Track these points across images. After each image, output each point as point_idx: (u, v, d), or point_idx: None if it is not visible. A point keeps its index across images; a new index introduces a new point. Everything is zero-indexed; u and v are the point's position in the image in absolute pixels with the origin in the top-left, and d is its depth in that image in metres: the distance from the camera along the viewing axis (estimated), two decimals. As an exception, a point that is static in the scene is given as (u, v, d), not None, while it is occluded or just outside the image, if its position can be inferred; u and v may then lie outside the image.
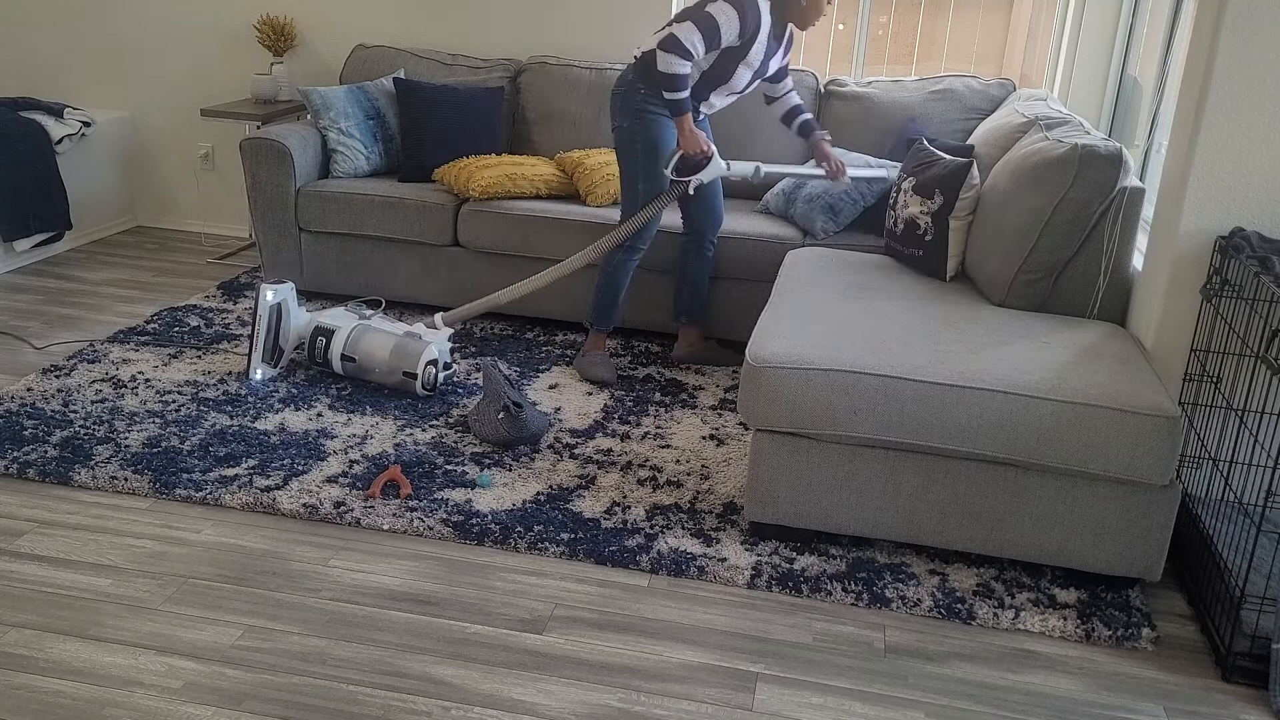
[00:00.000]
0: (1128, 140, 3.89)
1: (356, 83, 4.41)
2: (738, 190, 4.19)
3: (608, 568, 2.55)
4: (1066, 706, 2.15)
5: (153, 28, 4.87)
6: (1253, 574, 2.29)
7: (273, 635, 2.23)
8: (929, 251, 3.16)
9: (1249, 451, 2.58)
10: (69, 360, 3.49)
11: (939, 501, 2.51)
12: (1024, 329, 2.75)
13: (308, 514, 2.68)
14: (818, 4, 3.26)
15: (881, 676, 2.22)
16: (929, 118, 4.08)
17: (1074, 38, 4.10)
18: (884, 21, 4.56)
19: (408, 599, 2.38)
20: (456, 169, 3.96)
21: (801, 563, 2.58)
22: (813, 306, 2.83)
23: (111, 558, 2.47)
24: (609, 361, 3.59)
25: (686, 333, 3.77)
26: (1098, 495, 2.43)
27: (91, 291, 4.23)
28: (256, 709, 2.01)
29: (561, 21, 4.53)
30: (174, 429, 3.06)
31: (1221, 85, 2.46)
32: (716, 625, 2.35)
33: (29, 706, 1.99)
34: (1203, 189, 2.53)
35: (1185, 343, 2.64)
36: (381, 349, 3.33)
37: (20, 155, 4.33)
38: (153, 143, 5.07)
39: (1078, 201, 2.83)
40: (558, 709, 2.06)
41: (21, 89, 5.05)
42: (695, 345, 3.77)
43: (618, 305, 3.60)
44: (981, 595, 2.48)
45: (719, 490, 2.89)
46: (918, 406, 2.42)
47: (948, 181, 3.11)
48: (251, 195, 4.05)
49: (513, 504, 2.76)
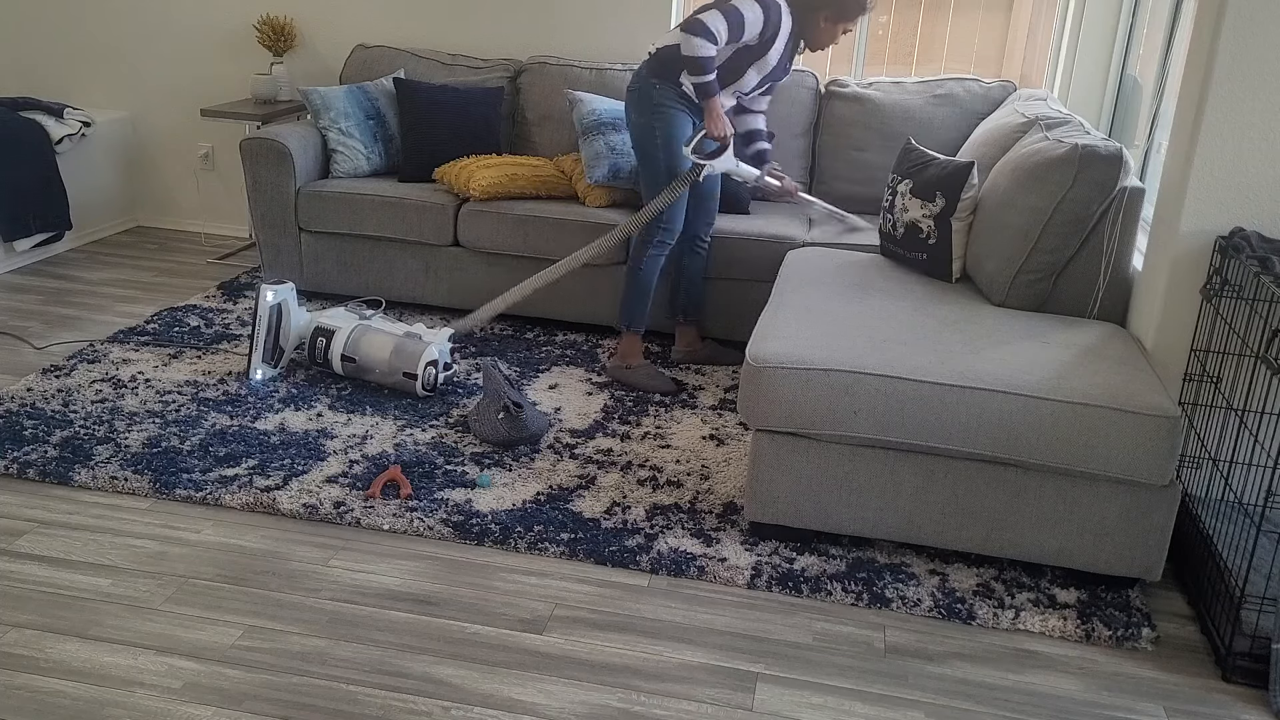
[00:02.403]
0: (1128, 140, 3.89)
1: (356, 83, 4.42)
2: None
3: (608, 568, 2.55)
4: (1066, 706, 2.15)
5: (153, 28, 4.88)
6: (1253, 574, 2.29)
7: (273, 635, 2.23)
8: (933, 255, 3.16)
9: (1249, 451, 2.58)
10: (69, 360, 3.49)
11: (939, 501, 2.51)
12: (1024, 329, 2.75)
13: (308, 514, 2.68)
14: (833, 32, 3.34)
15: (881, 676, 2.22)
16: (930, 121, 4.08)
17: (1074, 38, 4.10)
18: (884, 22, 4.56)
19: (408, 599, 2.38)
20: (456, 169, 3.96)
21: (801, 563, 2.58)
22: (813, 306, 2.83)
23: (111, 558, 2.47)
24: (659, 371, 3.56)
25: (684, 333, 3.77)
26: (1098, 495, 2.43)
27: (91, 291, 4.23)
28: (256, 709, 2.01)
29: (561, 21, 4.53)
30: (174, 429, 3.06)
31: (1221, 85, 2.46)
32: (716, 625, 2.35)
33: (29, 706, 1.99)
34: (1203, 189, 2.53)
35: (1185, 343, 2.64)
36: (381, 349, 3.33)
37: (20, 155, 4.33)
38: (153, 143, 5.07)
39: (1078, 201, 2.83)
40: (558, 709, 2.06)
41: (21, 89, 5.05)
42: (693, 345, 3.77)
43: (648, 304, 3.56)
44: (981, 595, 2.48)
45: (719, 490, 2.89)
46: (918, 406, 2.42)
47: (948, 183, 3.11)
48: (251, 195, 4.05)
49: (513, 504, 2.76)
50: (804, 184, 4.24)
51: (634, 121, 3.43)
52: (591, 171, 3.87)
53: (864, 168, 4.15)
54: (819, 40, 3.36)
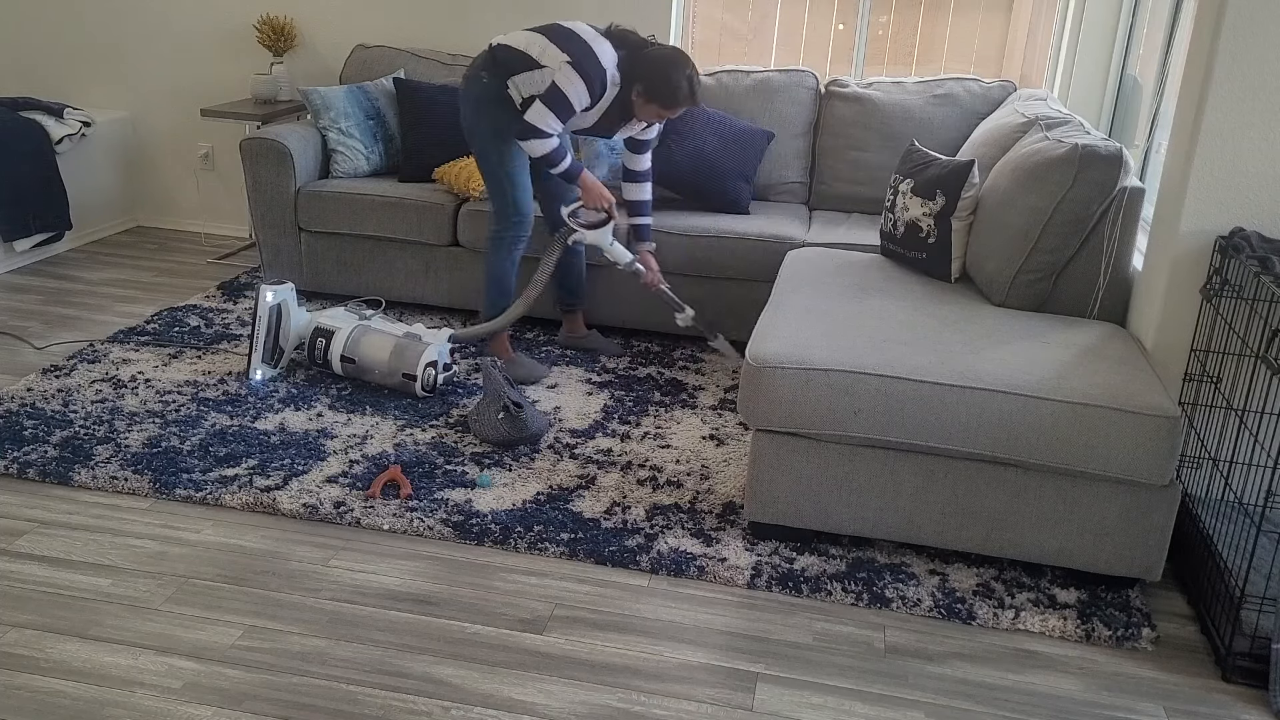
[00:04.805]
0: (1128, 140, 3.89)
1: (356, 83, 4.41)
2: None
3: (608, 568, 2.55)
4: (1066, 706, 2.15)
5: (153, 28, 4.88)
6: (1253, 574, 2.29)
7: (273, 635, 2.23)
8: (933, 254, 3.16)
9: (1249, 451, 2.58)
10: (69, 360, 3.49)
11: (939, 501, 2.51)
12: (1024, 329, 2.75)
13: (308, 514, 2.68)
14: (647, 110, 3.23)
15: (881, 676, 2.22)
16: (930, 121, 4.08)
17: (1074, 38, 4.10)
18: (884, 22, 4.56)
19: (408, 599, 2.38)
20: (456, 169, 3.96)
21: (801, 563, 2.58)
22: (813, 306, 2.83)
23: (111, 558, 2.47)
24: (528, 359, 3.59)
25: (568, 319, 3.83)
26: (1098, 495, 2.43)
27: (91, 291, 4.23)
28: (256, 709, 2.01)
29: (561, 22, 4.52)
30: (174, 429, 3.06)
31: (1221, 85, 2.46)
32: (716, 625, 2.35)
33: (29, 706, 1.99)
34: (1203, 189, 2.53)
35: (1185, 343, 2.64)
36: (381, 350, 3.33)
37: (20, 155, 4.33)
38: (153, 143, 5.08)
39: (1078, 201, 2.83)
40: (558, 709, 2.06)
41: (21, 89, 5.05)
42: (576, 330, 3.83)
43: (508, 297, 3.57)
44: (981, 595, 2.48)
45: (719, 490, 2.89)
46: (918, 406, 2.42)
47: (948, 182, 3.11)
48: (251, 195, 4.05)
49: (513, 504, 2.76)
50: (804, 184, 4.24)
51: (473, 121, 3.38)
52: (591, 171, 3.87)
53: (864, 168, 4.15)
54: (637, 110, 3.26)
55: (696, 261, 3.78)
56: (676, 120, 3.94)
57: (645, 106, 3.22)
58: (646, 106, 3.21)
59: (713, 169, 3.91)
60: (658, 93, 3.15)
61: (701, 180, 3.90)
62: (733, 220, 3.84)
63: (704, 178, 3.90)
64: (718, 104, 4.21)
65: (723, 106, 4.20)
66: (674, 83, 3.13)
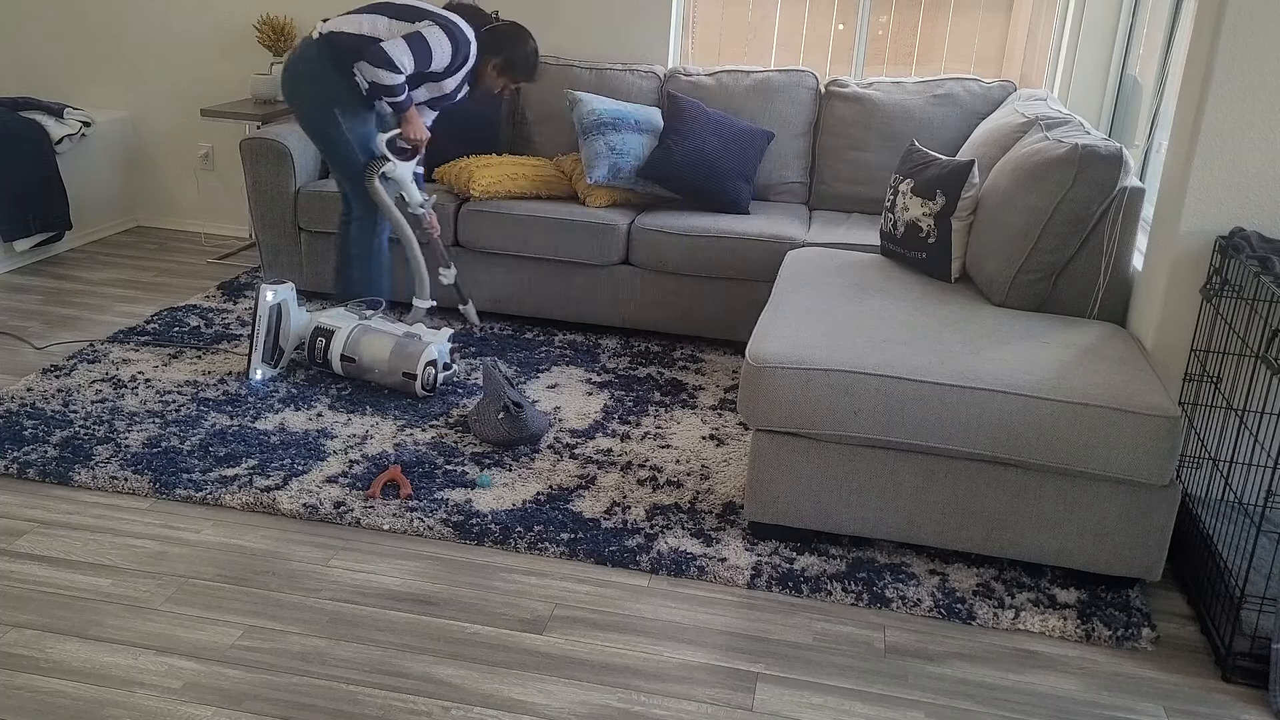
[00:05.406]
0: (1128, 140, 3.89)
1: (356, 83, 4.41)
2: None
3: (608, 568, 2.55)
4: (1066, 706, 2.15)
5: (153, 28, 4.88)
6: (1253, 574, 2.29)
7: (273, 635, 2.23)
8: (933, 254, 3.16)
9: (1249, 451, 2.58)
10: (69, 360, 3.49)
11: (939, 501, 2.51)
12: (1024, 329, 2.75)
13: (308, 514, 2.68)
14: (498, 82, 3.46)
15: (881, 676, 2.22)
16: (930, 121, 4.08)
17: (1074, 38, 4.10)
18: (884, 21, 4.56)
19: (408, 599, 2.38)
20: (456, 169, 3.96)
21: (801, 563, 2.58)
22: (813, 306, 2.83)
23: (111, 558, 2.47)
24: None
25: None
26: (1098, 495, 2.43)
27: (91, 291, 4.23)
28: (256, 709, 2.01)
29: (561, 21, 4.53)
30: (174, 429, 3.06)
31: (1221, 85, 2.46)
32: (716, 625, 2.35)
33: (29, 706, 1.99)
34: (1203, 189, 2.53)
35: (1185, 343, 2.64)
36: (381, 350, 3.33)
37: (20, 155, 4.33)
38: (153, 143, 5.08)
39: (1078, 201, 2.83)
40: (558, 709, 2.06)
41: (21, 89, 5.05)
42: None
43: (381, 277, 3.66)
44: (981, 595, 2.48)
45: (719, 490, 2.89)
46: (918, 406, 2.42)
47: (948, 181, 3.11)
48: (251, 195, 4.05)
49: (513, 504, 2.76)
50: (804, 184, 4.24)
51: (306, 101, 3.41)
52: (591, 171, 3.87)
53: (864, 168, 4.15)
54: (484, 82, 3.41)
55: (696, 261, 3.78)
56: (677, 120, 3.94)
57: (498, 78, 3.43)
58: (499, 78, 3.43)
59: (713, 169, 3.91)
60: (517, 66, 3.40)
61: (701, 180, 3.91)
62: (733, 220, 3.84)
63: (704, 178, 3.90)
64: (718, 104, 4.21)
65: (723, 106, 4.20)
66: (532, 56, 3.44)
